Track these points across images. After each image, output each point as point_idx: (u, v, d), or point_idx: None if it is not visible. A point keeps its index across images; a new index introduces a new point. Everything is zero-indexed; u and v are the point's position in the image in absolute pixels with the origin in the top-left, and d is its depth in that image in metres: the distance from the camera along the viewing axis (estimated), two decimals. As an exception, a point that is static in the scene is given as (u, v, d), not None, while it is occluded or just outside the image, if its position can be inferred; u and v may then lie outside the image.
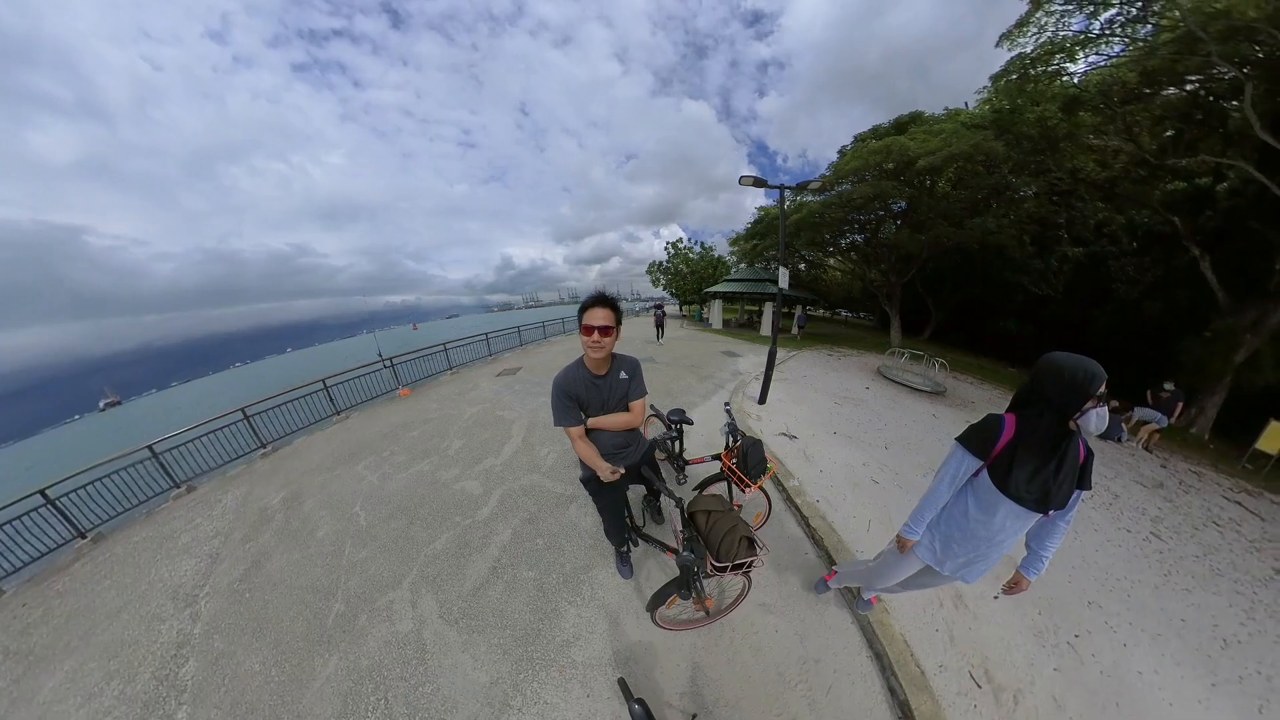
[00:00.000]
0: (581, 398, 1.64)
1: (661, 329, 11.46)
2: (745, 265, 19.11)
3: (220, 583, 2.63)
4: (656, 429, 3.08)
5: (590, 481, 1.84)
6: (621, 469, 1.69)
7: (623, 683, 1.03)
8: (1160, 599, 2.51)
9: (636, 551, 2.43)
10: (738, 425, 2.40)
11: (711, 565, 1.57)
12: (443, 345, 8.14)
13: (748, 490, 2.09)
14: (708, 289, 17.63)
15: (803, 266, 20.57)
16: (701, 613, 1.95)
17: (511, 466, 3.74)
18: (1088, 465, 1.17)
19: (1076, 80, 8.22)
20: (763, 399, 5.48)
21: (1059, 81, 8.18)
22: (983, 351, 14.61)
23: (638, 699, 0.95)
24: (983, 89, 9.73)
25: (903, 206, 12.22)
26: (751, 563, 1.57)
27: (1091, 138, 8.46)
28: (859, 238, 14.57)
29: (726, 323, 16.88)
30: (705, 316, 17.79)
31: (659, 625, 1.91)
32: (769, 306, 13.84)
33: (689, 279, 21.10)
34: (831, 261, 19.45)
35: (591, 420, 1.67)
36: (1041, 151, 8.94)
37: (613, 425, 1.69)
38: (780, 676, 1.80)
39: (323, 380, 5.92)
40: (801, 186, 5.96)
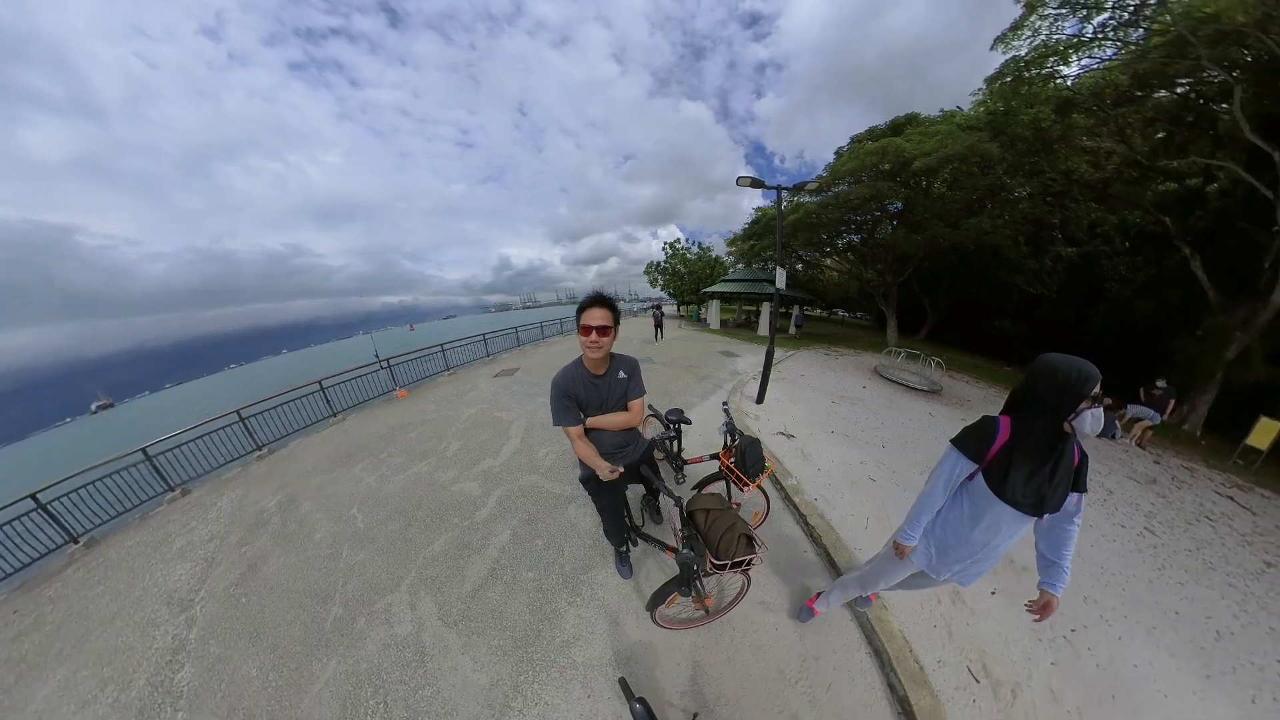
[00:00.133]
0: (580, 397, 1.64)
1: (660, 329, 11.94)
2: (743, 265, 19.17)
3: (216, 587, 2.61)
4: (655, 429, 3.09)
5: (589, 481, 1.84)
6: (620, 468, 1.69)
7: (624, 682, 1.03)
8: (1154, 593, 2.54)
9: (636, 551, 2.43)
10: (736, 424, 2.41)
11: (711, 563, 1.58)
12: (440, 346, 8.11)
13: (746, 489, 2.09)
14: (705, 289, 17.67)
15: (800, 267, 20.66)
16: (701, 611, 1.96)
17: (510, 467, 3.73)
18: (1083, 468, 1.15)
19: (1070, 83, 8.33)
20: (760, 398, 5.50)
21: (1053, 84, 8.28)
22: (979, 351, 14.72)
23: (639, 698, 0.94)
24: (978, 91, 9.82)
25: (899, 207, 12.29)
26: (750, 560, 1.57)
27: (1085, 139, 8.56)
28: (855, 238, 14.64)
29: (724, 323, 16.92)
30: (703, 317, 17.82)
31: (659, 624, 1.91)
32: (766, 306, 13.89)
33: (687, 279, 21.15)
34: (828, 262, 19.52)
35: (590, 420, 1.67)
36: (1035, 153, 9.03)
37: (612, 425, 1.69)
38: (780, 674, 1.81)
39: (319, 382, 5.88)
40: (799, 187, 5.99)
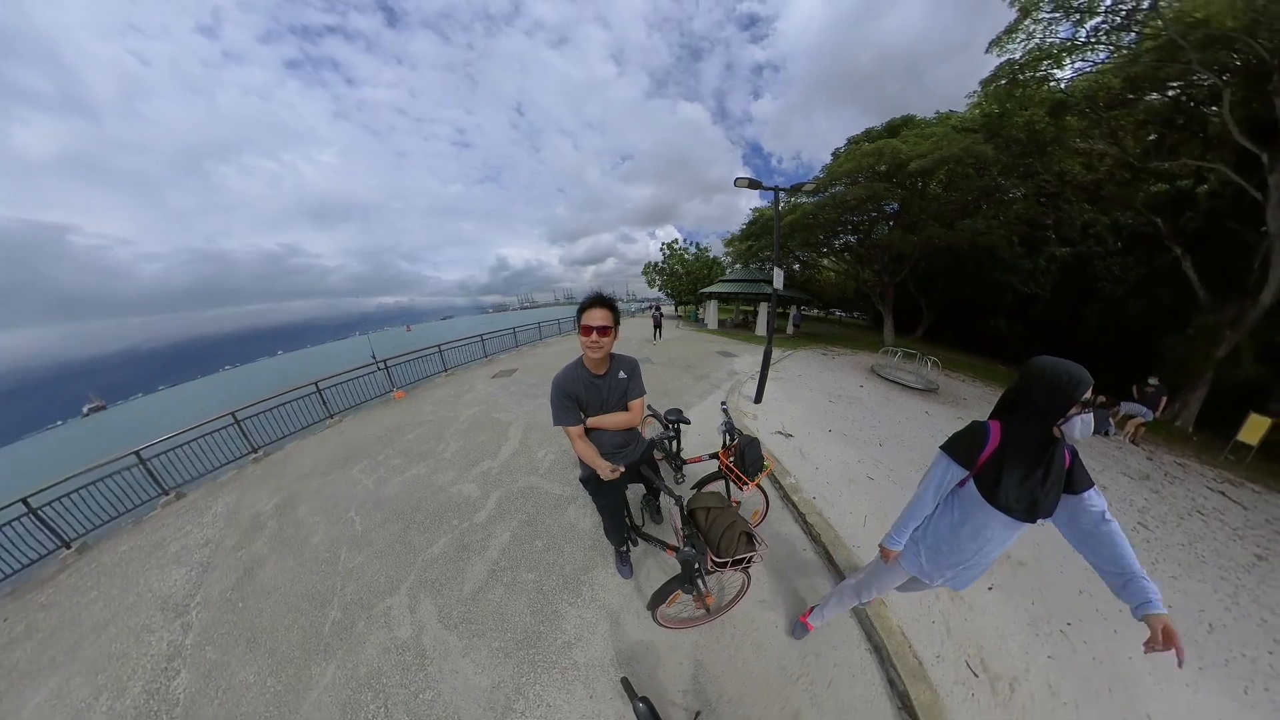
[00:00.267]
0: (581, 397, 1.64)
1: (659, 329, 12.21)
2: (740, 266, 19.23)
3: (212, 592, 2.58)
4: (654, 429, 3.09)
5: (590, 481, 1.84)
6: (621, 468, 1.70)
7: (626, 682, 1.03)
8: None
9: (636, 551, 2.43)
10: (734, 424, 2.42)
11: (712, 561, 1.58)
12: (437, 347, 8.07)
13: (745, 488, 2.10)
14: (703, 289, 17.71)
15: (797, 267, 20.77)
16: (702, 610, 1.96)
17: (509, 469, 3.72)
18: (1074, 467, 1.11)
19: (1063, 86, 8.41)
20: (758, 398, 5.51)
21: (1046, 87, 8.37)
22: (974, 350, 14.85)
23: (642, 697, 0.94)
24: (973, 93, 9.89)
25: (895, 208, 12.38)
26: (751, 558, 1.58)
27: (1078, 141, 8.66)
28: (852, 238, 14.72)
29: (722, 323, 16.96)
30: (701, 317, 17.86)
31: (660, 624, 1.91)
32: (764, 307, 13.93)
33: (684, 280, 21.20)
34: (825, 262, 19.62)
35: (591, 420, 1.67)
36: (1030, 154, 9.12)
37: (612, 425, 1.69)
38: (782, 671, 1.82)
39: (315, 383, 5.84)
40: (796, 188, 6.02)
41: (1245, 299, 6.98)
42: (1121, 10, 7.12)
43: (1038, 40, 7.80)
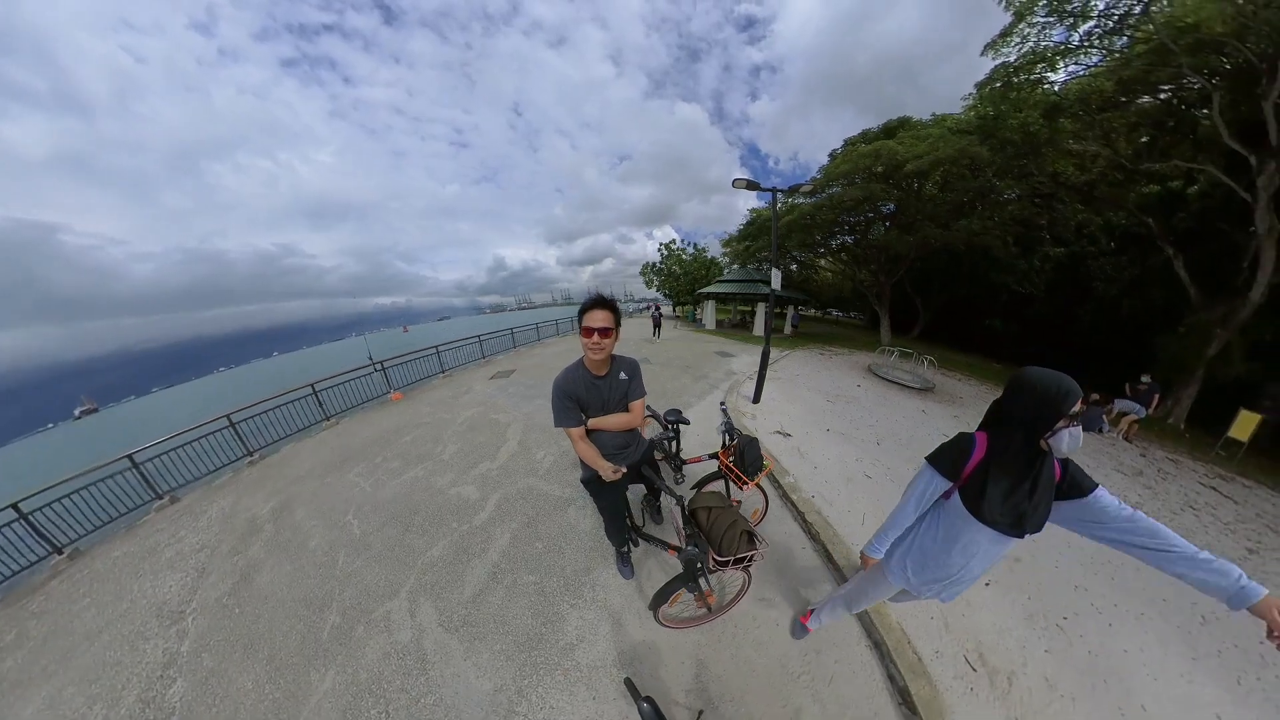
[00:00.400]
0: (582, 398, 1.64)
1: (658, 327, 12.73)
2: (738, 266, 19.30)
3: (208, 598, 2.55)
4: (653, 429, 3.09)
5: (591, 482, 1.84)
6: (623, 468, 1.70)
7: (629, 682, 1.02)
8: (1142, 580, 2.57)
9: (636, 552, 2.43)
10: (734, 424, 2.42)
11: (714, 560, 1.59)
12: (435, 348, 8.04)
13: (745, 487, 2.11)
14: (701, 290, 17.75)
15: (794, 267, 20.85)
16: (704, 610, 1.96)
17: (508, 470, 3.70)
18: (1065, 476, 1.06)
19: (1057, 88, 8.52)
20: (757, 398, 5.53)
21: (1040, 89, 8.46)
22: (970, 349, 14.95)
23: (646, 697, 0.94)
24: (968, 96, 9.99)
25: (891, 208, 12.47)
26: (752, 557, 1.58)
27: (1071, 143, 8.75)
28: (849, 239, 14.82)
29: (720, 323, 17.00)
30: (698, 317, 17.90)
31: (662, 624, 1.91)
32: (761, 307, 13.98)
33: (682, 280, 21.22)
34: (822, 262, 19.73)
35: (592, 421, 1.67)
36: (1024, 156, 9.22)
37: (613, 426, 1.69)
38: (783, 669, 1.82)
39: (311, 385, 5.80)
40: (793, 189, 6.04)
41: (1235, 298, 7.09)
42: (1114, 15, 7.23)
43: (1032, 44, 7.91)
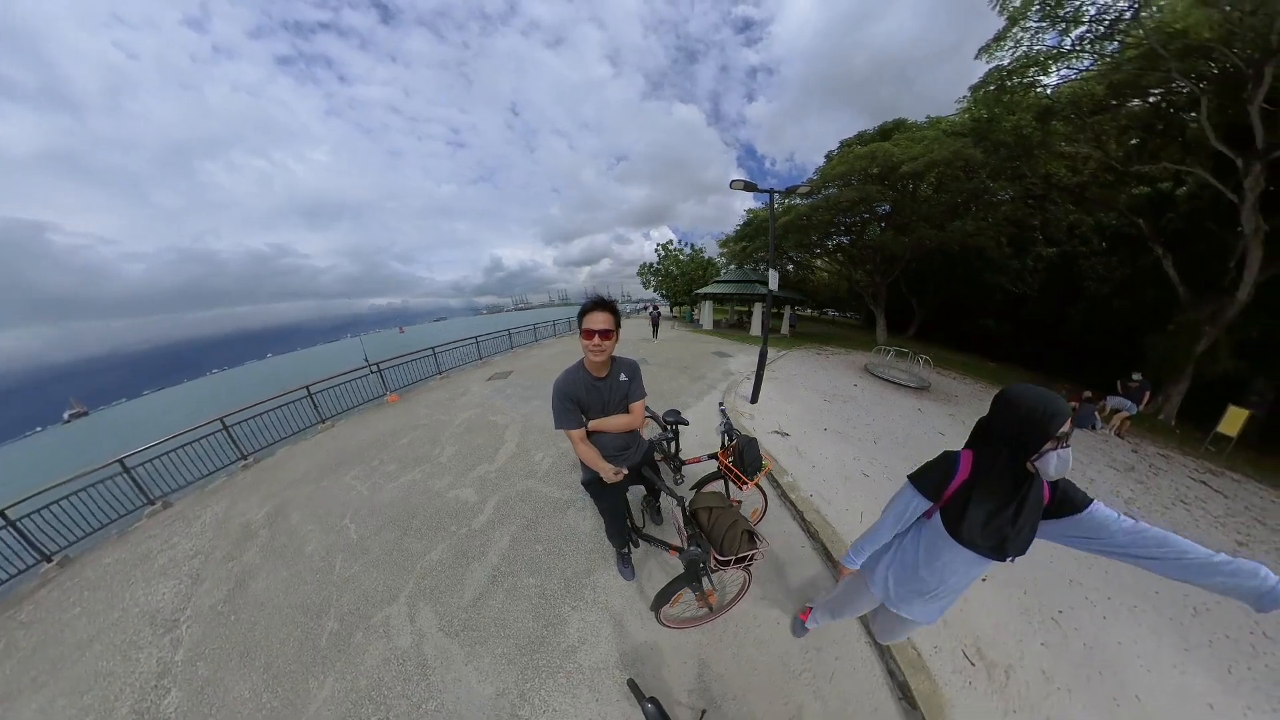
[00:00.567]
0: (582, 400, 1.64)
1: (656, 327, 13.19)
2: (735, 267, 19.34)
3: (202, 605, 2.51)
4: (652, 430, 3.08)
5: (592, 484, 1.83)
6: (624, 470, 1.70)
7: (633, 684, 1.02)
8: (1135, 574, 2.59)
9: (637, 553, 2.42)
10: (732, 424, 2.43)
11: (715, 560, 1.59)
12: (431, 349, 7.99)
13: (745, 487, 2.12)
14: (698, 290, 17.78)
15: (791, 268, 20.94)
16: (705, 610, 1.96)
17: (506, 472, 3.69)
18: (1054, 496, 1.01)
19: (1049, 92, 8.66)
20: (755, 398, 5.54)
21: (1033, 93, 8.60)
22: (965, 348, 15.09)
23: (650, 698, 0.94)
24: (962, 98, 10.12)
25: (887, 209, 12.57)
26: (753, 556, 1.59)
27: (1063, 145, 8.89)
28: (845, 239, 14.91)
29: (717, 323, 17.03)
30: (696, 317, 17.93)
31: (664, 624, 1.91)
32: (759, 307, 14.04)
33: (679, 280, 21.25)
34: (819, 263, 19.84)
35: (592, 423, 1.67)
36: (1017, 158, 9.35)
37: (614, 427, 1.69)
38: (785, 667, 1.83)
39: (306, 387, 5.74)
40: (790, 190, 6.08)
41: (1223, 297, 7.22)
42: (1105, 20, 7.36)
43: (1025, 48, 8.02)
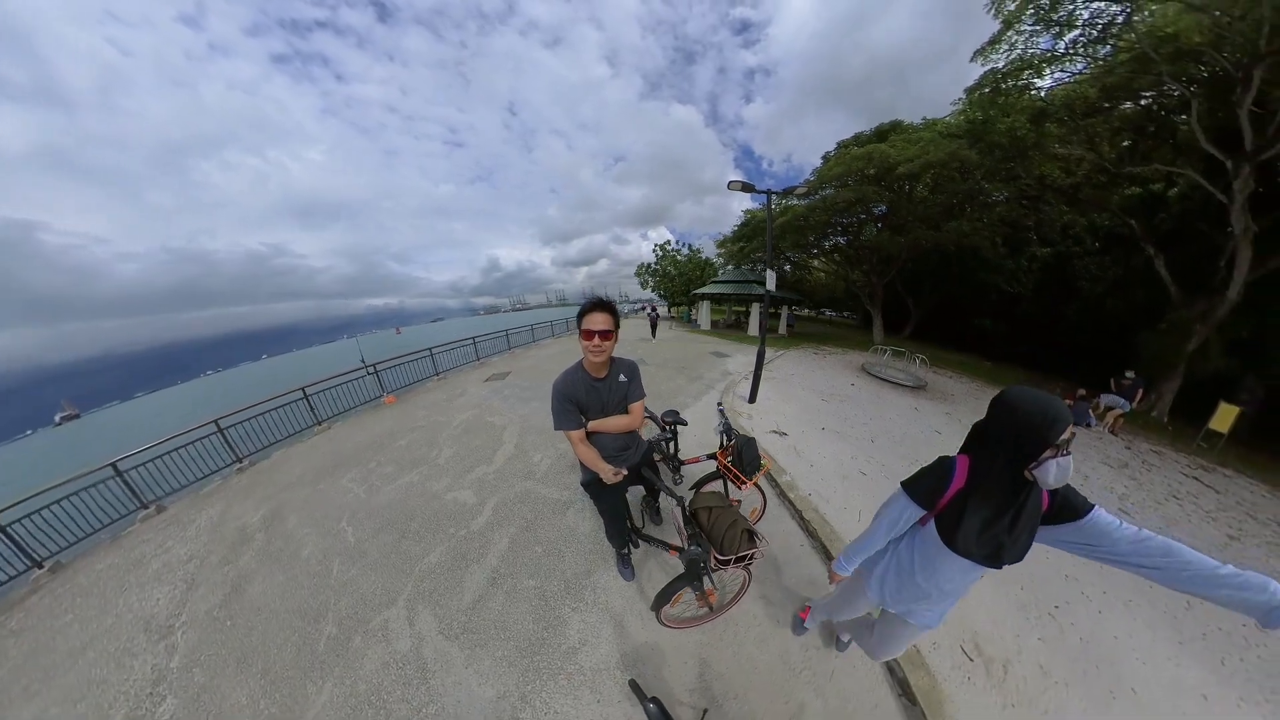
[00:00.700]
0: (581, 401, 1.63)
1: (655, 327, 13.32)
2: (732, 267, 19.39)
3: (198, 610, 2.47)
4: (651, 430, 3.08)
5: (592, 485, 1.83)
6: (624, 470, 1.70)
7: (634, 684, 1.02)
8: None
9: (636, 553, 2.42)
10: (731, 424, 2.43)
11: (716, 559, 1.59)
12: (428, 350, 7.94)
13: (744, 487, 2.13)
14: (696, 290, 17.81)
15: (788, 268, 21.03)
16: (705, 609, 1.96)
17: (505, 474, 3.67)
18: (1054, 503, 0.97)
19: (1044, 94, 8.78)
20: (753, 398, 5.55)
21: (1028, 95, 8.72)
22: (961, 347, 15.21)
23: (652, 698, 0.94)
24: (958, 100, 10.22)
25: (883, 210, 12.65)
26: (753, 555, 1.59)
27: (1057, 147, 9.02)
28: (842, 240, 15.01)
29: (714, 323, 17.08)
30: (693, 318, 17.95)
31: (664, 624, 1.91)
32: (756, 307, 14.09)
33: (677, 281, 21.28)
34: (816, 263, 19.93)
35: (592, 423, 1.67)
36: (1012, 159, 9.45)
37: (613, 428, 1.69)
38: (785, 665, 1.84)
39: (302, 389, 5.68)
40: (788, 191, 6.11)
41: (1214, 296, 7.33)
42: (1098, 24, 7.49)
43: (1020, 51, 8.15)
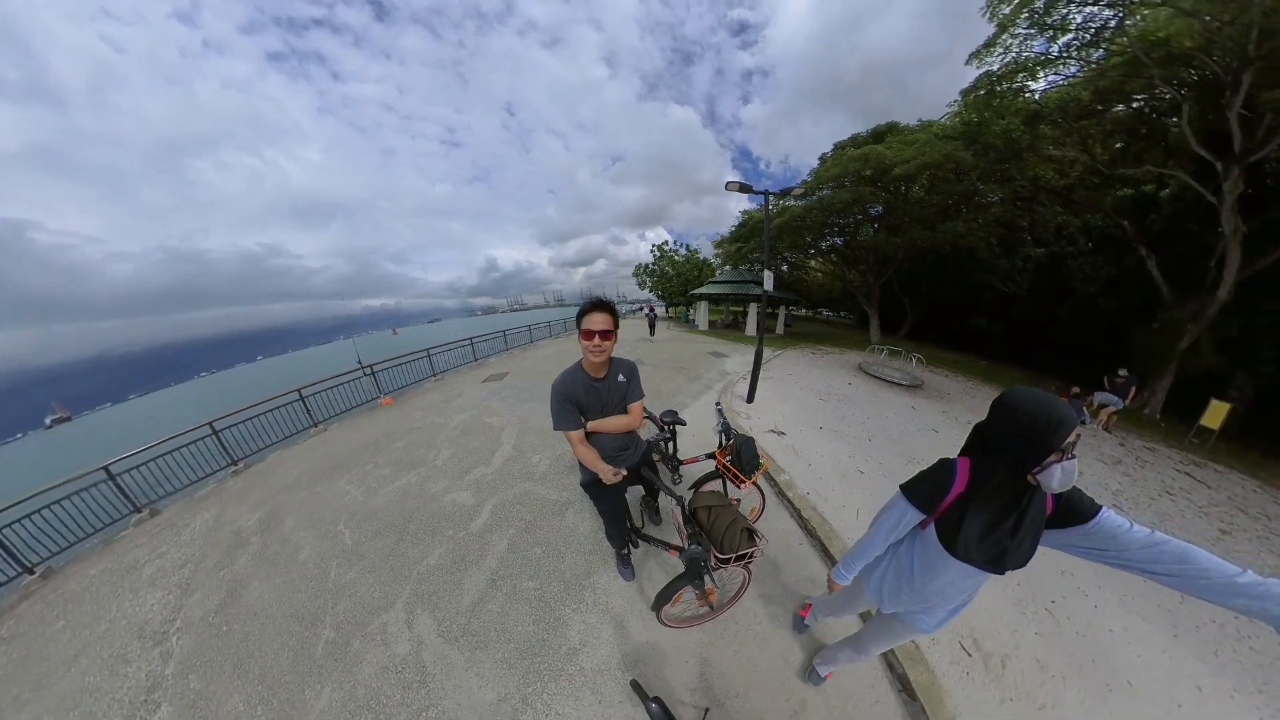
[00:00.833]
0: (581, 401, 1.63)
1: (653, 328, 13.47)
2: (730, 267, 19.43)
3: (193, 616, 2.44)
4: (650, 430, 3.08)
5: (592, 485, 1.83)
6: (624, 470, 1.69)
7: (636, 684, 1.02)
8: None
9: (636, 553, 2.42)
10: (729, 424, 2.44)
11: (716, 558, 1.59)
12: (426, 351, 7.90)
13: (743, 486, 2.13)
14: (693, 291, 17.83)
15: (785, 268, 21.10)
16: (706, 608, 1.96)
17: (503, 475, 3.66)
18: (1058, 506, 0.94)
19: (1038, 97, 8.91)
20: (751, 398, 5.57)
21: (1022, 98, 8.83)
22: (957, 346, 15.33)
23: (654, 698, 0.93)
24: (953, 103, 10.32)
25: (879, 211, 12.74)
26: (753, 553, 1.59)
27: (1051, 149, 9.13)
28: (839, 240, 15.09)
29: (712, 324, 17.12)
30: (691, 318, 17.98)
31: (665, 624, 1.91)
32: (753, 307, 14.13)
33: (675, 281, 21.31)
34: (813, 263, 20.01)
35: (591, 424, 1.67)
36: (1006, 161, 9.57)
37: (612, 428, 1.69)
38: (786, 663, 1.84)
39: (298, 390, 5.63)
40: (785, 192, 6.14)
41: (1204, 295, 7.44)
42: (1091, 28, 7.61)
43: (1014, 54, 8.25)
